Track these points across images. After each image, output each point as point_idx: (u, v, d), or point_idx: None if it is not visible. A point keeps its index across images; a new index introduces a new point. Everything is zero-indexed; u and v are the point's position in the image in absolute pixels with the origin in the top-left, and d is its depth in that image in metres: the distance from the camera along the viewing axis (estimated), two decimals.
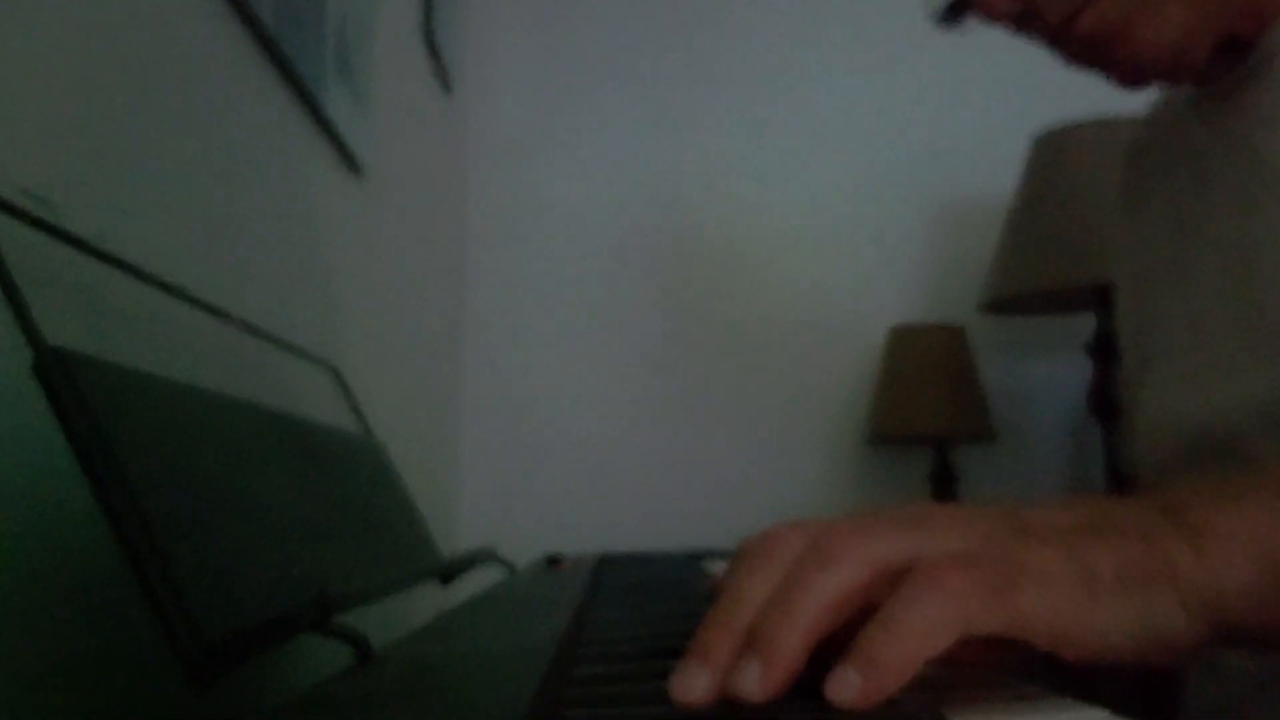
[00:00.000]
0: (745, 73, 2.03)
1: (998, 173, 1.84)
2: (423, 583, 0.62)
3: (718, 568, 0.98)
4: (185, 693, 0.34)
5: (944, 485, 1.78)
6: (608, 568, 0.98)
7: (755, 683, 0.32)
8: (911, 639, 0.32)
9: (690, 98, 2.02)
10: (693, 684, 0.32)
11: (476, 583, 0.89)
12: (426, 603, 1.12)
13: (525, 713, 0.28)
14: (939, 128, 1.99)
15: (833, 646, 0.33)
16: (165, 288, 0.52)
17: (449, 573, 0.74)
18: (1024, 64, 1.97)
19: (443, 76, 1.67)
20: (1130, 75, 0.62)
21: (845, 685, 0.31)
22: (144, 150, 0.59)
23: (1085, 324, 1.74)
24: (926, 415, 1.73)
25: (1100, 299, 1.64)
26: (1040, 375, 1.94)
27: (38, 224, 0.42)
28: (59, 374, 0.35)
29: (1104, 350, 1.65)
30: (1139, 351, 0.71)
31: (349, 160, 1.05)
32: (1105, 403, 1.66)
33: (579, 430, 1.93)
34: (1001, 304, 1.72)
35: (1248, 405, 0.57)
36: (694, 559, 1.12)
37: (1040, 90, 1.92)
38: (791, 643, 0.32)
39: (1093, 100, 1.73)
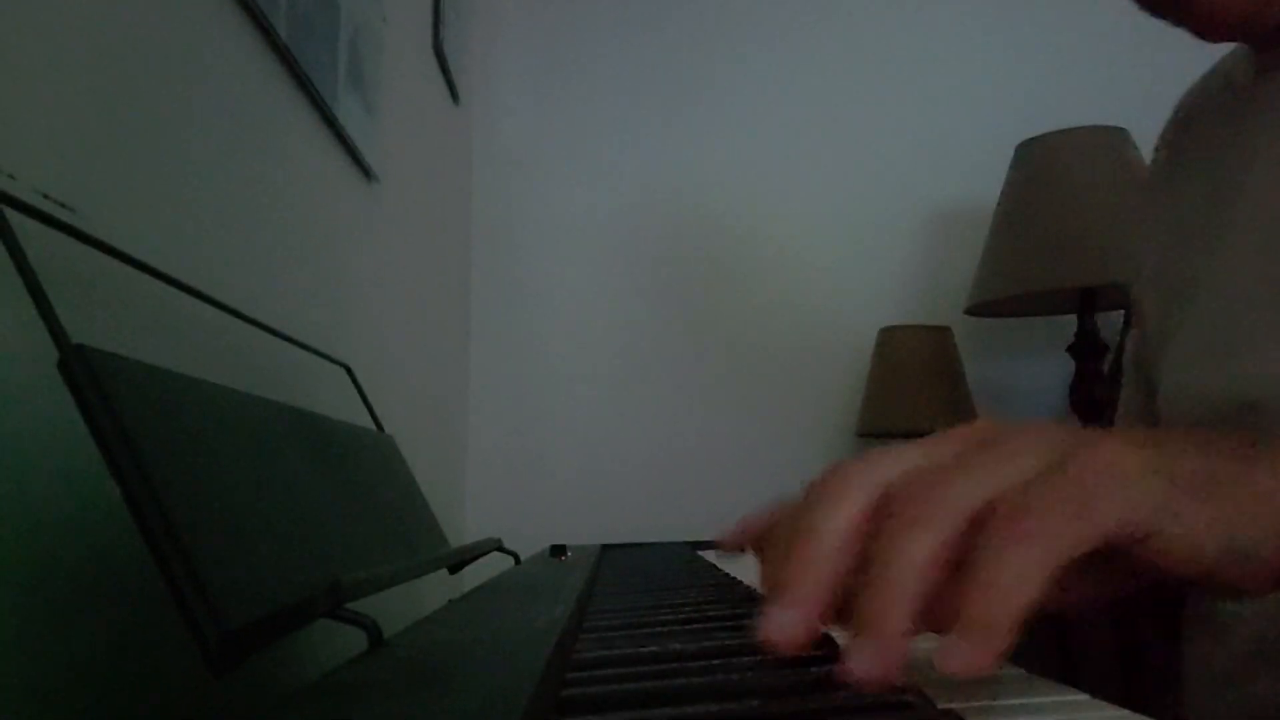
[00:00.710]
0: (742, 85, 2.03)
1: (983, 180, 1.84)
2: (432, 572, 0.62)
3: (718, 561, 0.98)
4: (204, 677, 0.34)
5: None
6: (609, 557, 0.98)
7: (874, 667, 0.30)
8: (1010, 595, 0.30)
9: (687, 110, 2.02)
10: (786, 628, 0.32)
11: (483, 572, 0.89)
12: (435, 591, 1.12)
13: (530, 693, 0.28)
14: (927, 138, 2.00)
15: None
16: (185, 289, 0.52)
17: (457, 562, 0.74)
18: (1007, 76, 1.98)
19: (451, 88, 1.67)
20: (1207, 25, 0.58)
21: (956, 655, 0.30)
22: (164, 156, 0.59)
23: (1067, 326, 1.74)
24: (915, 412, 1.73)
25: (1082, 301, 1.65)
26: (1023, 374, 1.94)
27: (62, 227, 0.42)
28: (83, 370, 0.35)
29: (1085, 350, 1.66)
30: (1163, 318, 0.67)
31: (361, 167, 1.05)
32: (1086, 400, 1.66)
33: (581, 426, 1.93)
34: (986, 306, 1.72)
35: (1277, 378, 0.54)
36: (692, 548, 1.12)
37: (1023, 101, 1.92)
38: (901, 623, 0.31)
39: (1074, 110, 1.73)
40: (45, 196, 0.45)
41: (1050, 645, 1.66)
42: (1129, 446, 0.33)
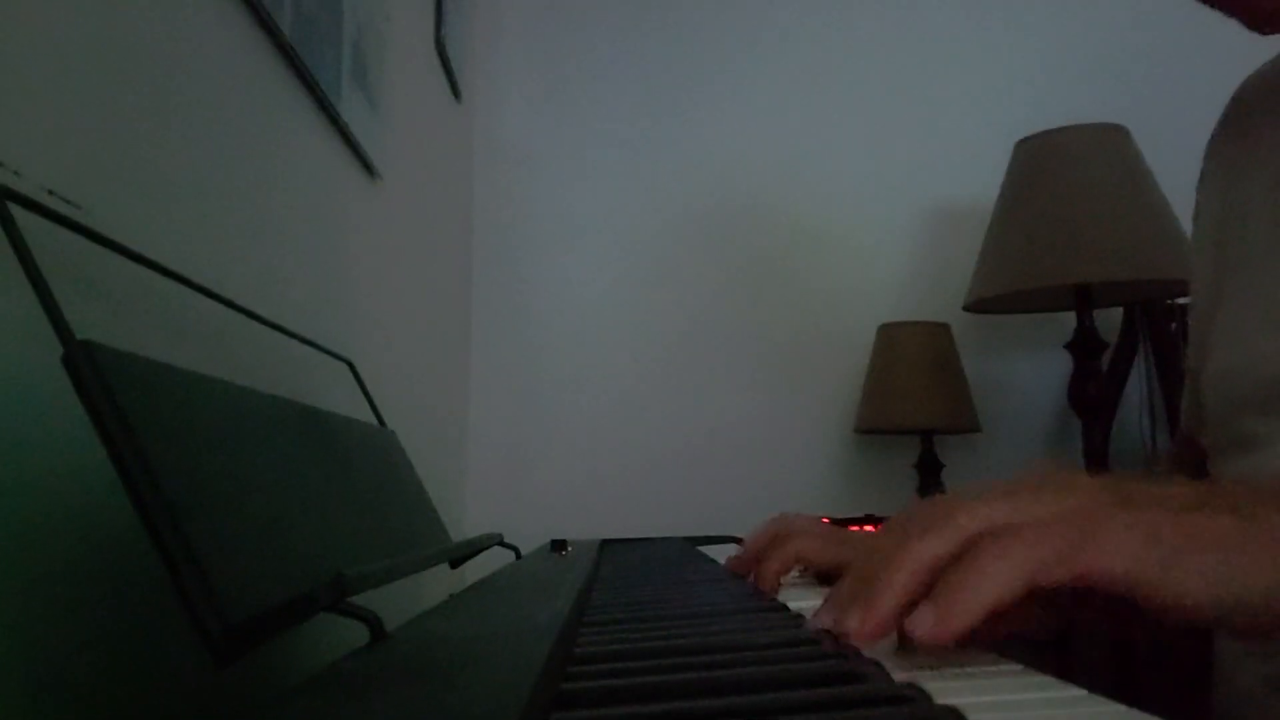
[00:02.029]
0: (743, 83, 2.03)
1: (982, 178, 1.84)
2: (433, 566, 0.62)
3: (716, 550, 0.98)
4: (208, 670, 0.34)
5: (930, 475, 1.78)
6: (609, 551, 0.98)
7: (863, 627, 0.38)
8: (981, 585, 0.36)
9: (687, 108, 2.02)
10: (869, 629, 0.38)
11: (484, 567, 0.89)
12: (437, 585, 1.12)
13: (531, 687, 0.28)
14: (926, 135, 2.00)
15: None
16: (189, 284, 0.52)
17: (458, 557, 0.74)
18: (1007, 73, 1.98)
19: (453, 85, 1.67)
20: (1258, 15, 0.58)
21: (920, 621, 0.36)
22: (169, 153, 0.59)
23: (1065, 322, 1.74)
24: (914, 408, 1.73)
25: (1080, 298, 1.64)
26: (1022, 371, 1.94)
27: (67, 223, 0.42)
28: (86, 365, 0.35)
29: (1083, 347, 1.65)
30: (1215, 292, 0.68)
31: (364, 164, 1.05)
32: (1083, 397, 1.66)
33: (581, 422, 1.93)
34: (985, 303, 1.72)
35: None
36: (692, 543, 1.12)
37: (1022, 98, 1.92)
38: (892, 601, 0.38)
39: (1073, 107, 1.73)
40: (50, 193, 0.45)
41: (1050, 654, 1.66)
42: (1139, 512, 0.38)
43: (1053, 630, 0.42)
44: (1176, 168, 0.80)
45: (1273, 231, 0.62)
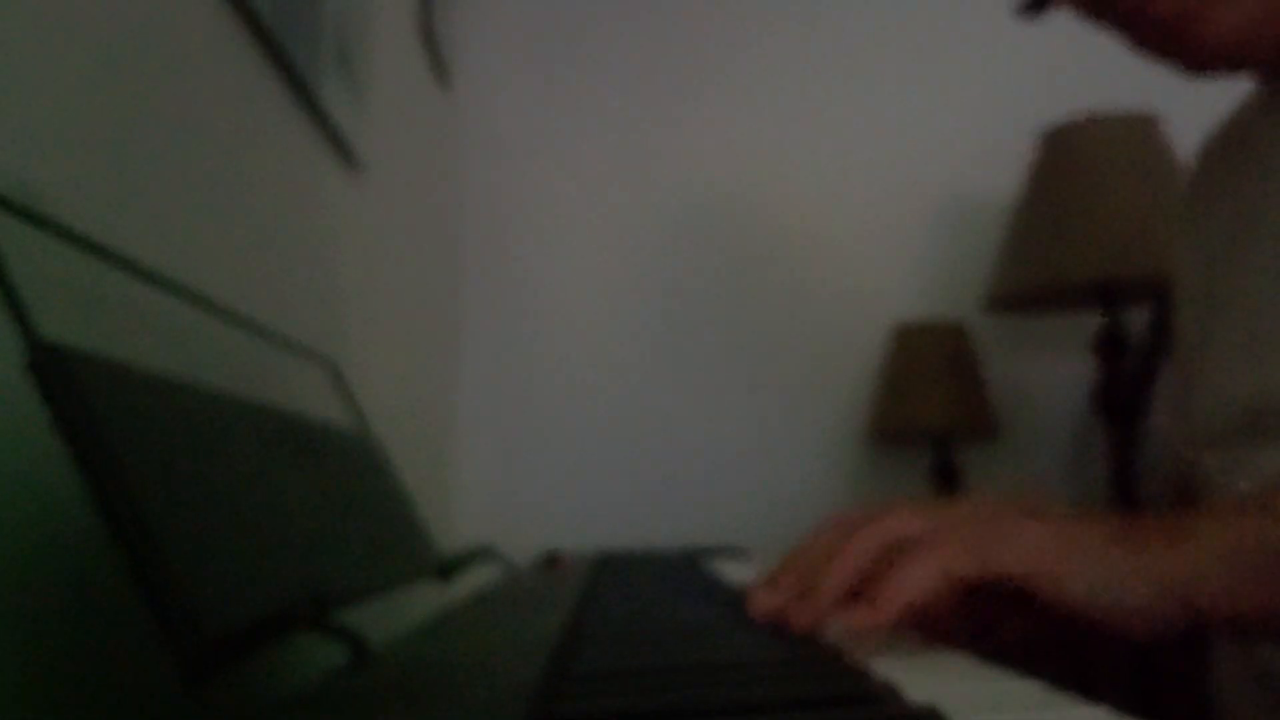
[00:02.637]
0: (745, 71, 2.03)
1: (1003, 170, 1.84)
2: (421, 580, 0.62)
3: (721, 567, 0.98)
4: (181, 691, 0.34)
5: (945, 482, 1.78)
6: (606, 566, 0.98)
7: (797, 621, 0.48)
8: (900, 584, 0.45)
9: (688, 95, 2.02)
10: (760, 602, 0.50)
11: (475, 579, 0.89)
12: (425, 600, 1.12)
13: (525, 709, 0.28)
14: (944, 125, 1.99)
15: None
16: (161, 283, 0.52)
17: (447, 570, 0.74)
18: (1027, 61, 1.98)
19: (440, 71, 1.67)
20: (1197, 63, 0.64)
21: (855, 616, 0.46)
22: (139, 145, 0.59)
23: (1089, 322, 1.74)
24: (928, 412, 1.73)
25: (1106, 297, 1.64)
26: (1042, 373, 1.94)
27: (32, 219, 0.42)
28: (54, 370, 0.35)
29: (1110, 349, 1.65)
30: (1200, 331, 0.75)
31: (347, 155, 1.06)
32: (1110, 402, 1.66)
33: (577, 426, 1.93)
34: (1004, 301, 1.72)
35: None
36: (692, 558, 1.12)
37: (1046, 86, 1.92)
38: (825, 599, 0.48)
39: (1096, 97, 1.73)
40: (15, 185, 0.45)
41: (1066, 657, 1.66)
42: (1040, 522, 0.49)
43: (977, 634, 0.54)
44: None
45: (1237, 278, 0.70)
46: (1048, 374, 1.94)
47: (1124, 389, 1.64)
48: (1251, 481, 0.65)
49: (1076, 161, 1.63)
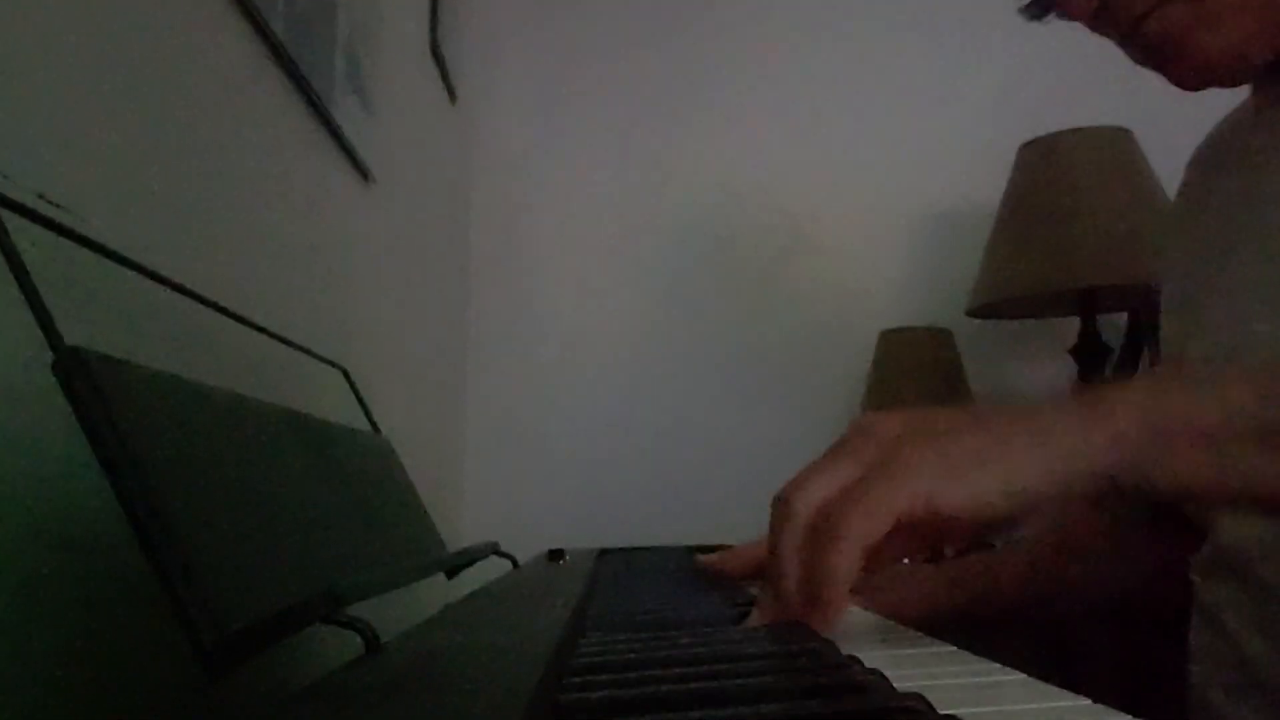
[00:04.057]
0: (743, 85, 2.03)
1: (985, 181, 1.84)
2: (429, 576, 0.62)
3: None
4: (200, 682, 0.34)
5: None
6: (608, 561, 0.98)
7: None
8: (830, 579, 0.45)
9: (686, 110, 2.03)
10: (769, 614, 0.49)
11: (480, 576, 0.89)
12: (432, 595, 1.11)
13: (528, 698, 0.28)
14: (929, 138, 2.00)
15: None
16: (181, 290, 0.52)
17: (454, 566, 0.74)
18: (1010, 76, 1.98)
19: (448, 87, 1.67)
20: (1189, 78, 0.64)
21: (813, 618, 0.46)
22: (160, 157, 0.59)
23: (1068, 327, 1.74)
24: None
25: (1084, 303, 1.64)
26: (1025, 377, 1.94)
27: (57, 228, 0.42)
28: (77, 373, 0.35)
29: (1088, 353, 1.65)
30: (1182, 328, 0.75)
31: (358, 168, 1.06)
32: None
33: (579, 429, 1.93)
34: (988, 308, 1.72)
35: None
36: (690, 552, 1.12)
37: (1026, 100, 1.92)
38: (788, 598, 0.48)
39: (1078, 110, 1.74)
40: (40, 197, 0.45)
41: (1049, 647, 1.66)
42: (922, 442, 0.47)
43: (921, 548, 0.53)
44: (1181, 171, 0.83)
45: (1220, 275, 0.69)
46: (1029, 377, 1.94)
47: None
48: None
49: (1056, 173, 1.63)
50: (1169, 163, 1.57)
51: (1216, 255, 0.71)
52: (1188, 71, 0.63)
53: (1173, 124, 0.83)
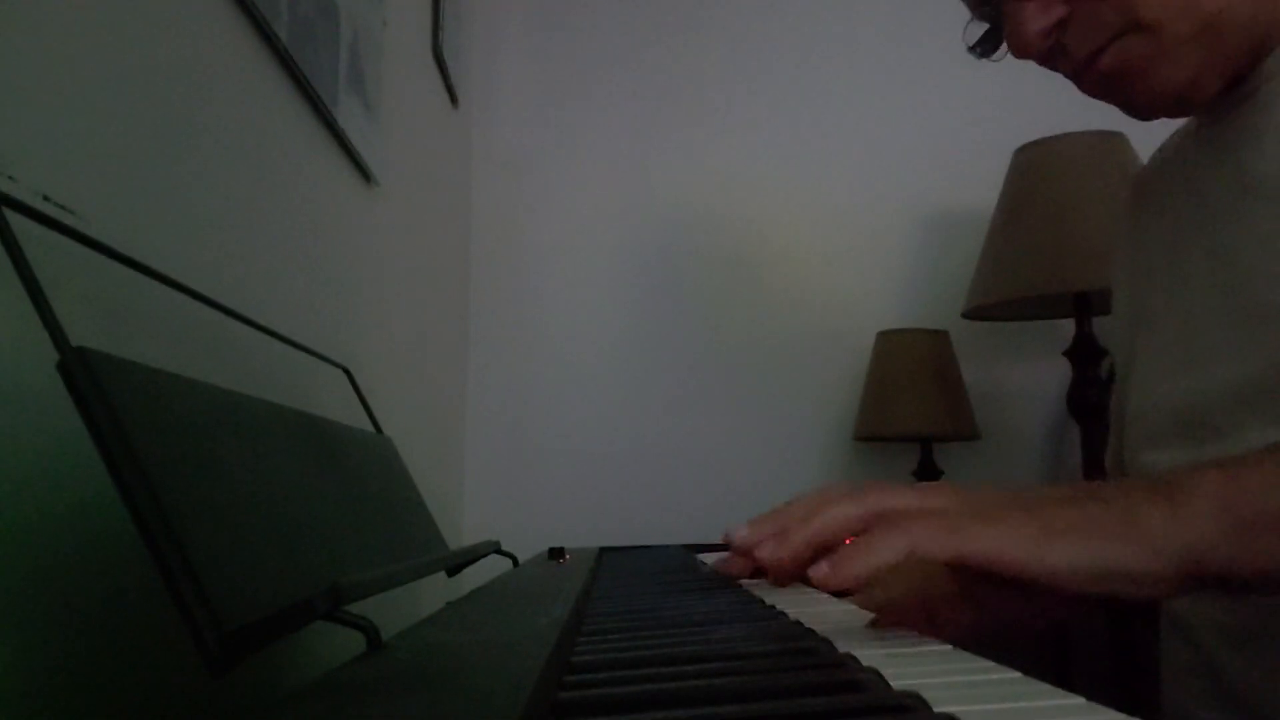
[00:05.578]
0: (742, 88, 2.04)
1: (981, 184, 1.84)
2: (430, 574, 0.62)
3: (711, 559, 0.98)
4: (203, 678, 0.34)
5: (928, 481, 1.78)
6: (608, 559, 0.98)
7: (774, 555, 0.50)
8: (869, 551, 0.45)
9: (685, 114, 2.03)
10: (739, 533, 0.53)
11: (481, 575, 0.89)
12: (433, 593, 1.12)
13: (528, 696, 0.28)
14: (925, 142, 2.00)
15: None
16: (185, 290, 0.52)
17: (455, 565, 0.74)
18: (1005, 82, 1.98)
19: (450, 90, 1.67)
20: (1144, 108, 0.66)
21: (818, 569, 0.45)
22: (165, 158, 0.59)
23: (1064, 329, 1.74)
24: (912, 416, 1.73)
25: (1078, 305, 1.65)
26: (1021, 378, 1.94)
27: (63, 229, 0.42)
28: (82, 372, 0.35)
29: (1082, 354, 1.66)
30: (1130, 345, 0.77)
31: (361, 170, 1.06)
32: (1083, 404, 1.66)
33: (579, 429, 1.93)
34: (984, 310, 1.72)
35: (1226, 386, 0.63)
36: (689, 551, 1.12)
37: (1021, 104, 1.92)
38: (798, 544, 0.49)
39: (1070, 116, 1.74)
40: (45, 199, 0.45)
41: (1046, 645, 1.66)
42: (1016, 508, 0.47)
43: (981, 626, 0.54)
44: None
45: (1169, 293, 0.71)
46: (1025, 378, 1.94)
47: (1096, 391, 1.64)
48: None
49: (1049, 177, 1.63)
50: None
51: (1167, 268, 0.72)
52: (1143, 101, 0.65)
53: (1166, 129, 0.83)
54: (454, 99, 1.71)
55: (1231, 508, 0.46)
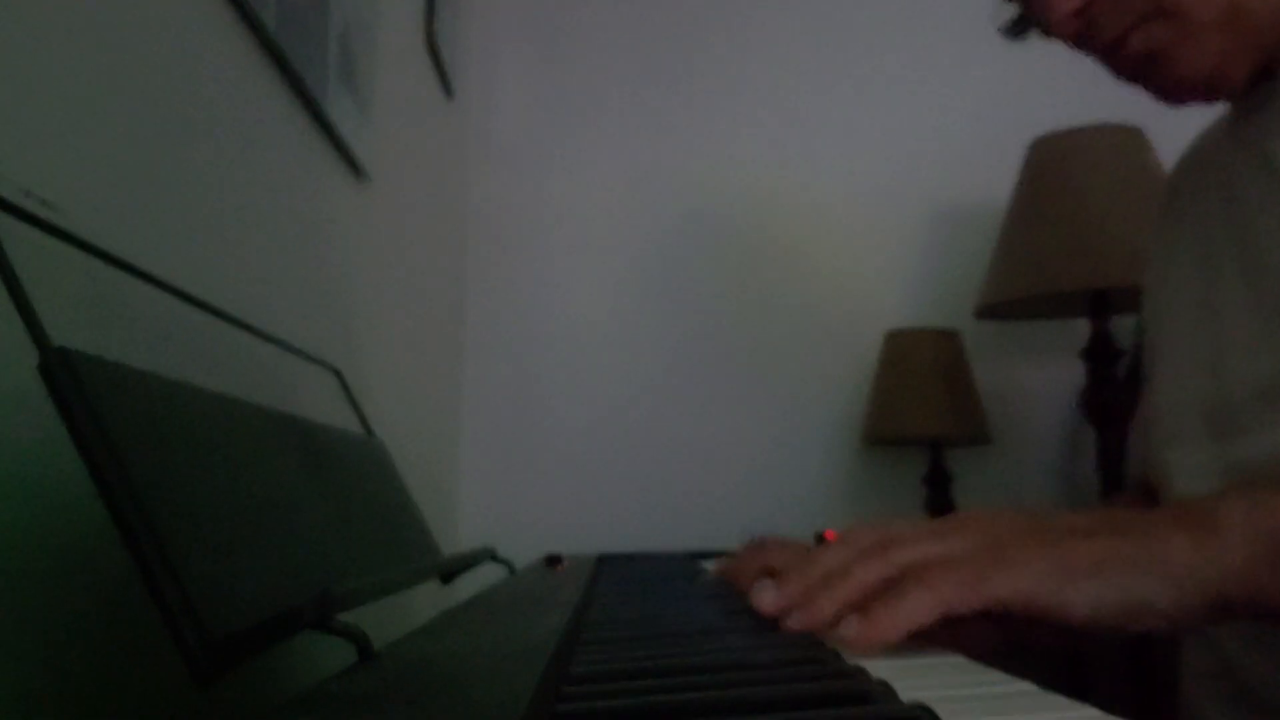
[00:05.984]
0: (744, 81, 2.04)
1: (994, 179, 1.84)
2: (423, 582, 0.62)
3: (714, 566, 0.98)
4: (188, 690, 0.34)
5: (938, 487, 1.78)
6: (606, 567, 0.98)
7: (797, 622, 0.48)
8: (899, 612, 0.45)
9: (687, 106, 2.03)
10: (767, 598, 0.50)
11: (476, 582, 0.89)
12: (427, 602, 1.11)
13: (525, 708, 0.28)
14: (936, 136, 2.00)
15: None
16: (170, 290, 0.52)
17: (449, 572, 0.74)
18: (1019, 72, 1.98)
19: (444, 82, 1.67)
20: (1171, 93, 0.67)
21: (848, 626, 0.45)
22: (148, 154, 0.59)
23: (1079, 329, 1.74)
24: (922, 418, 1.73)
25: (1095, 304, 1.64)
26: (1034, 379, 1.94)
27: (43, 226, 0.42)
28: (64, 374, 0.35)
29: (1099, 355, 1.65)
30: (1157, 339, 0.79)
31: (352, 165, 1.06)
32: (1099, 406, 1.66)
33: (577, 431, 1.93)
34: (996, 309, 1.72)
35: (1253, 382, 0.65)
36: (691, 559, 1.12)
37: (1036, 97, 1.92)
38: (827, 608, 0.48)
39: (1087, 107, 1.74)
40: (27, 194, 0.45)
41: (1060, 656, 1.66)
42: (1038, 545, 0.48)
43: (1007, 643, 0.54)
44: None
45: (1201, 285, 0.73)
46: (1038, 379, 1.94)
47: (1112, 394, 1.64)
48: (1222, 476, 0.67)
49: (1065, 172, 1.63)
50: None
51: (1197, 270, 0.74)
52: (1170, 86, 0.66)
53: (1184, 122, 0.83)
54: (449, 90, 1.71)
55: (1259, 538, 0.47)
